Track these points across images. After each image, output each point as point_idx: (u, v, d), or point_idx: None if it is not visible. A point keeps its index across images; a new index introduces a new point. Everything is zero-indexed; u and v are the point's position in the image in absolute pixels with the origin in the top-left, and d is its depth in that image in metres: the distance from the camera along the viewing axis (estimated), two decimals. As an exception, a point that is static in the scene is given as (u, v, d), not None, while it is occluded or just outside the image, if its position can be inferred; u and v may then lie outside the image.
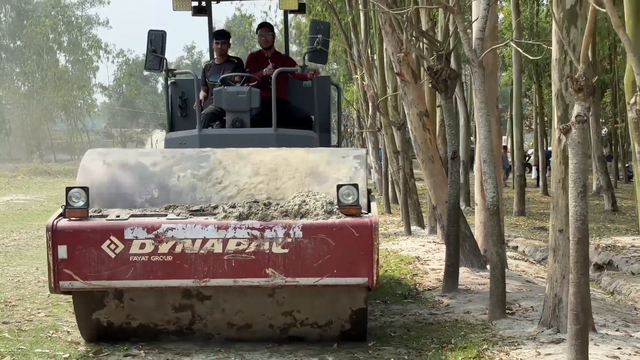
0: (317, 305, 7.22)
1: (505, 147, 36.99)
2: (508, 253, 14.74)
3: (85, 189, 6.71)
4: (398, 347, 7.62)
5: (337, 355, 7.15)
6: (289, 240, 6.48)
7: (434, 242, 15.56)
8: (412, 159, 17.60)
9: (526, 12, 21.53)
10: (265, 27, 9.68)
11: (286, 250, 6.49)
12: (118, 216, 6.67)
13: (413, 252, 14.43)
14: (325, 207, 6.61)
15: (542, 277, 11.77)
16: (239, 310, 7.20)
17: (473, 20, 10.39)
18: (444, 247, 11.48)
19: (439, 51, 10.62)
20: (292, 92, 9.48)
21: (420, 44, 13.42)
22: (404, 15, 11.48)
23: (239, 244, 6.49)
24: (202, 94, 9.37)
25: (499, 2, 27.22)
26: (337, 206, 6.63)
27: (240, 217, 6.55)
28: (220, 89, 8.77)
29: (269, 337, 7.36)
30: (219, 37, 9.57)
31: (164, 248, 6.50)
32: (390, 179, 24.31)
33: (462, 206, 19.82)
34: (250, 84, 8.95)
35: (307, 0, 21.14)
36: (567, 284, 6.83)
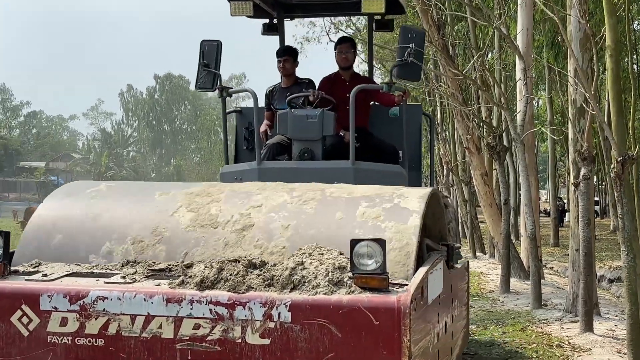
0: None
1: (539, 198, 36.74)
2: (545, 271, 14.63)
3: (4, 235, 3.55)
4: (470, 325, 8.23)
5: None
6: (271, 325, 3.12)
7: (492, 262, 15.74)
8: (476, 206, 18.04)
9: (557, 101, 22.28)
10: (347, 43, 5.97)
11: (266, 341, 3.13)
12: (46, 275, 3.52)
13: (478, 269, 14.72)
14: (331, 273, 3.21)
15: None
16: None
17: (517, 112, 10.74)
18: (499, 266, 11.72)
19: (494, 133, 11.28)
20: (374, 121, 6.00)
21: (481, 128, 13.56)
22: (470, 110, 12.57)
23: (197, 327, 3.20)
24: (265, 123, 5.94)
25: (539, 92, 27.64)
26: (349, 273, 3.19)
27: (201, 285, 3.26)
28: (285, 112, 5.37)
29: None
30: (281, 54, 5.87)
31: (93, 327, 3.29)
32: (460, 219, 24.72)
33: (513, 239, 20.00)
34: (324, 108, 5.40)
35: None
36: (580, 284, 7.50)
